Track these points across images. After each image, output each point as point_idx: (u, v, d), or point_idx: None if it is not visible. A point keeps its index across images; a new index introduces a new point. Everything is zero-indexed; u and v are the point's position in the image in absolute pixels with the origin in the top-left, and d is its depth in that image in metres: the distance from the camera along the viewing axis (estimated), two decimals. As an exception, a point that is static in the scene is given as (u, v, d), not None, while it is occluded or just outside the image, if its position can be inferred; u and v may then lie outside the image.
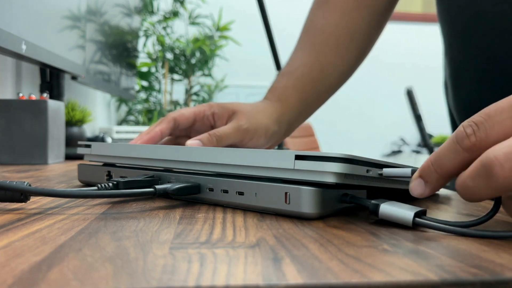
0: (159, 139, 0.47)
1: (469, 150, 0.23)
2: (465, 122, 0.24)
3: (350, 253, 0.20)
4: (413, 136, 3.19)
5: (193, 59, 2.38)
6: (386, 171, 0.29)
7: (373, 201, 0.28)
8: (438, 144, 2.98)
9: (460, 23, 0.52)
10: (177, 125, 0.49)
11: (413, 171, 0.28)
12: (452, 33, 0.54)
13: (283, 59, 1.64)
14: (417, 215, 0.26)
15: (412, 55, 3.21)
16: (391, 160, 3.18)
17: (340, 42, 0.59)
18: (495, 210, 0.25)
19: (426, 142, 2.38)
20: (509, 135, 0.22)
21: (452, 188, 0.50)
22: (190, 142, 0.44)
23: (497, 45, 0.48)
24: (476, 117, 0.23)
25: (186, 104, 2.48)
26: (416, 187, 0.26)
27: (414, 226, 0.26)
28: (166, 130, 0.47)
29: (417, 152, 3.16)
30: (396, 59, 3.19)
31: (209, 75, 2.44)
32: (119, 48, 1.39)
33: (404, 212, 0.26)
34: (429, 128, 2.63)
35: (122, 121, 2.35)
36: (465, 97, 0.55)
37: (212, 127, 0.51)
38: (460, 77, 0.55)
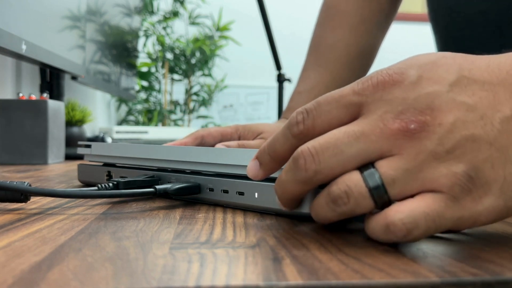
0: None
1: (296, 137, 0.23)
2: (299, 109, 0.23)
3: (350, 253, 0.20)
4: (413, 136, 3.18)
5: (193, 59, 2.38)
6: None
7: None
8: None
9: (441, 19, 0.55)
10: (203, 143, 0.51)
11: None
12: (437, 30, 0.57)
13: (283, 59, 1.64)
14: None
15: (411, 55, 3.21)
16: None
17: (351, 58, 0.62)
18: None
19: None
20: (333, 126, 0.22)
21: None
22: (218, 145, 0.47)
23: (469, 37, 0.51)
24: (309, 104, 0.23)
25: (186, 104, 2.48)
26: (251, 168, 0.25)
27: None
28: (191, 145, 0.50)
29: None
30: (395, 59, 3.19)
31: (209, 75, 2.44)
32: (119, 48, 1.39)
33: None
34: (429, 128, 2.63)
35: (122, 121, 2.35)
36: None
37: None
38: None
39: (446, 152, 0.20)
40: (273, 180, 0.29)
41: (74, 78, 1.00)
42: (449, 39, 0.54)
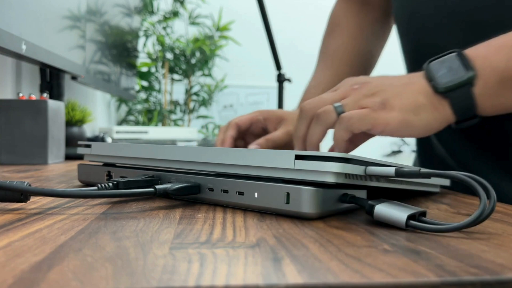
0: (233, 141, 0.58)
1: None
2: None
3: (350, 253, 0.20)
4: (413, 136, 3.18)
5: (193, 59, 2.38)
6: (370, 169, 0.28)
7: (369, 202, 0.27)
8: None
9: (402, 21, 0.62)
10: (239, 129, 0.59)
11: (397, 170, 0.28)
12: (399, 30, 0.64)
13: (283, 59, 1.64)
14: (412, 217, 0.26)
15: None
16: (391, 160, 3.18)
17: (352, 59, 0.74)
18: (491, 208, 0.25)
19: (426, 142, 2.37)
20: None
21: (452, 188, 0.50)
22: (251, 147, 0.55)
23: (424, 39, 0.57)
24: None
25: (186, 104, 2.48)
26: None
27: (407, 228, 0.26)
28: (235, 134, 0.58)
29: (417, 152, 3.15)
30: (395, 59, 3.19)
31: (209, 75, 2.44)
32: (119, 48, 1.39)
33: (397, 214, 0.26)
34: (429, 128, 2.63)
35: (122, 121, 2.35)
36: None
37: (263, 129, 0.62)
38: (407, 69, 0.66)
39: (371, 94, 0.41)
40: (272, 179, 0.29)
41: (74, 78, 1.00)
42: (409, 40, 0.61)
